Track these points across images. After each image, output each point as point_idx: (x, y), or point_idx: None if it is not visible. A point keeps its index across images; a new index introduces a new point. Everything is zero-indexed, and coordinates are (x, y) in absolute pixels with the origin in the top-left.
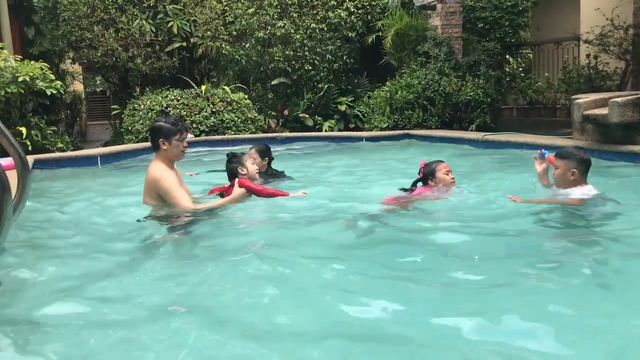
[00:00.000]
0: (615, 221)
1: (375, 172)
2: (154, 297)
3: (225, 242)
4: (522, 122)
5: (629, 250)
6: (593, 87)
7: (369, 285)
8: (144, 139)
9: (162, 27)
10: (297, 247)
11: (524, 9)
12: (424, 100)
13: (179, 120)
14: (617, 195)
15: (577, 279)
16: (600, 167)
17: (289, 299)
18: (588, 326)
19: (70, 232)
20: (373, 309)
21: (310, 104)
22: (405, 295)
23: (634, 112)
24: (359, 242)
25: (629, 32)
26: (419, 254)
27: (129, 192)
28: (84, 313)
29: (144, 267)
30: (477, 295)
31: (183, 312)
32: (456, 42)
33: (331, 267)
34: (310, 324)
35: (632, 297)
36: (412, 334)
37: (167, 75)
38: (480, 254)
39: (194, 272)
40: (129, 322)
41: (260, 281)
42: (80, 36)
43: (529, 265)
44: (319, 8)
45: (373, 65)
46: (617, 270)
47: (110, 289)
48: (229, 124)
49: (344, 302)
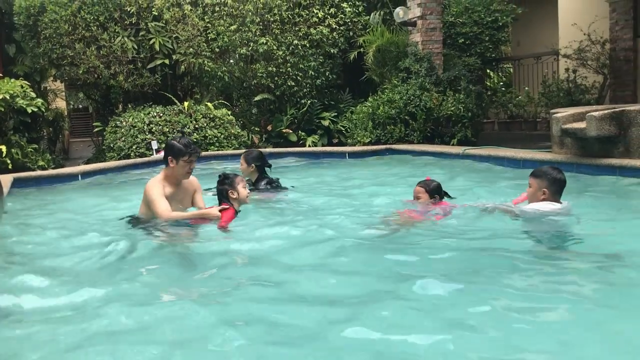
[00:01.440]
0: (569, 237)
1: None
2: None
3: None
4: (504, 136)
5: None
6: (572, 100)
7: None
8: (125, 156)
9: (144, 44)
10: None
11: (504, 24)
12: (406, 115)
13: (191, 143)
14: (589, 209)
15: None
16: (579, 180)
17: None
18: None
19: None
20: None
21: (294, 120)
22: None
23: (611, 125)
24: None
25: (606, 46)
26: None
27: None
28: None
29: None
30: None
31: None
32: (437, 58)
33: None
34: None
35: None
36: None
37: (150, 92)
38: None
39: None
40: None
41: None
42: (62, 54)
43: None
44: (301, 25)
45: (355, 81)
46: (573, 287)
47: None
48: (212, 140)
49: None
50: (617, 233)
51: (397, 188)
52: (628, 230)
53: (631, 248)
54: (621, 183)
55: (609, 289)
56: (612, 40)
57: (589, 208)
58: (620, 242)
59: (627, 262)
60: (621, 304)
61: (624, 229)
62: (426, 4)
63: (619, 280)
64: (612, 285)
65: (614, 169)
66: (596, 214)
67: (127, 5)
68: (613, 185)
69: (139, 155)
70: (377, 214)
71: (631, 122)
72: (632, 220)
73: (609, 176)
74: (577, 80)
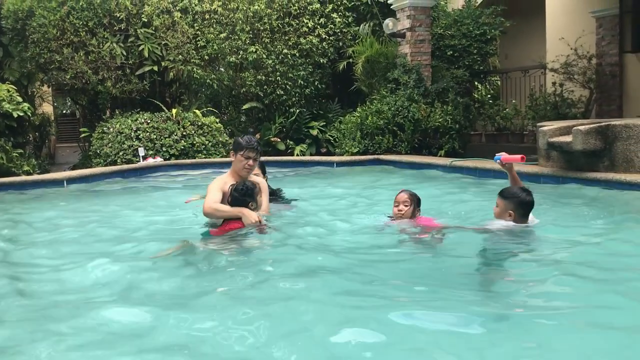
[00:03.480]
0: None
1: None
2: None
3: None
4: (491, 148)
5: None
6: (559, 114)
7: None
8: (112, 163)
9: (133, 51)
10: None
11: (492, 37)
12: (394, 126)
13: (252, 140)
14: (570, 221)
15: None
16: (564, 193)
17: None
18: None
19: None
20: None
21: (282, 128)
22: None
23: (597, 139)
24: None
25: (592, 61)
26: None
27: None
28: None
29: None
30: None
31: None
32: (425, 70)
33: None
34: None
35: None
36: None
37: (138, 99)
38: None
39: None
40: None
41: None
42: (50, 58)
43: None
44: (290, 34)
45: (344, 91)
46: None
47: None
48: (199, 148)
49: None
50: (586, 244)
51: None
52: (608, 243)
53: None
54: (603, 196)
55: (573, 302)
56: (599, 55)
57: (570, 220)
58: (591, 255)
59: (592, 273)
60: (584, 315)
61: (597, 241)
62: (415, 16)
63: (583, 292)
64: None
65: (599, 182)
66: (570, 227)
67: (117, 12)
68: (593, 198)
69: (126, 162)
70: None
71: (616, 137)
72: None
73: (594, 188)
74: (563, 94)
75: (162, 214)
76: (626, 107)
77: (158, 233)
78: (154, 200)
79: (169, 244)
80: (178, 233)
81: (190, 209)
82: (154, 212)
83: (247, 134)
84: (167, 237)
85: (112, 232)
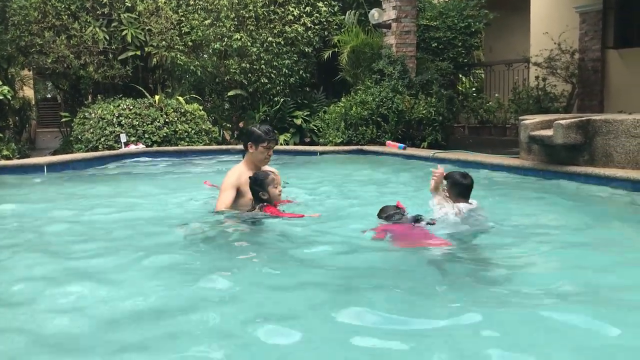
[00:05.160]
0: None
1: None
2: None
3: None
4: (473, 141)
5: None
6: (541, 108)
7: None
8: (93, 148)
9: (116, 36)
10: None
11: (476, 30)
12: (378, 117)
13: (271, 130)
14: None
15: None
16: (544, 186)
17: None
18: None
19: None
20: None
21: (266, 117)
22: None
23: (577, 134)
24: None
25: (575, 56)
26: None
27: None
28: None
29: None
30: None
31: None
32: (410, 61)
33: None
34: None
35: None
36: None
37: (120, 84)
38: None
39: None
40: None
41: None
42: (31, 41)
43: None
44: (276, 22)
45: (329, 81)
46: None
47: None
48: (182, 135)
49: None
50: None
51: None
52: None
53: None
54: (581, 190)
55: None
56: (581, 50)
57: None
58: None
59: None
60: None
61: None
62: (401, 6)
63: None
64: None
65: (579, 176)
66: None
67: None
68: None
69: (107, 148)
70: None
71: (596, 132)
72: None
73: (573, 182)
74: (546, 88)
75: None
76: (607, 102)
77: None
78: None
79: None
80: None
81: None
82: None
83: (261, 124)
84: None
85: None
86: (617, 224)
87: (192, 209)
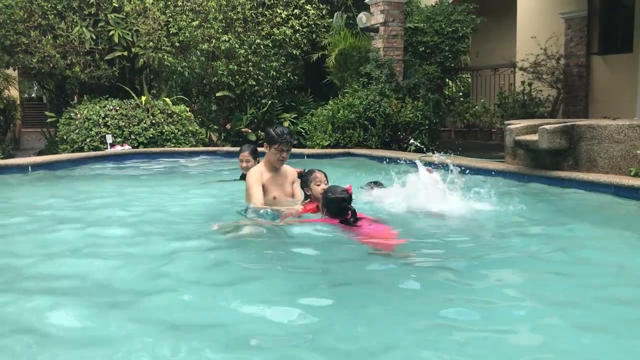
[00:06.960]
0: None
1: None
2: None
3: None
4: (459, 145)
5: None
6: (527, 113)
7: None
8: (79, 149)
9: (103, 36)
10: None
11: (464, 35)
12: (365, 120)
13: (285, 133)
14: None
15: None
16: (529, 191)
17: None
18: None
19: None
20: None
21: (254, 119)
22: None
23: (562, 139)
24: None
25: (561, 62)
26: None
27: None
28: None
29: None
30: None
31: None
32: (397, 65)
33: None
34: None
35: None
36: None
37: (107, 85)
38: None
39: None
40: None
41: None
42: (16, 41)
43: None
44: (264, 24)
45: (317, 83)
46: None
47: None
48: (168, 136)
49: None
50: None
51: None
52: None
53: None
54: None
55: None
56: (567, 56)
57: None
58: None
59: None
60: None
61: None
62: (389, 10)
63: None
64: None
65: (563, 180)
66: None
67: None
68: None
69: (93, 149)
70: None
71: (581, 137)
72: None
73: (557, 187)
74: (532, 93)
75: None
76: (592, 107)
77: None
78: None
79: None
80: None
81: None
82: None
83: (278, 125)
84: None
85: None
86: (599, 229)
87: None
